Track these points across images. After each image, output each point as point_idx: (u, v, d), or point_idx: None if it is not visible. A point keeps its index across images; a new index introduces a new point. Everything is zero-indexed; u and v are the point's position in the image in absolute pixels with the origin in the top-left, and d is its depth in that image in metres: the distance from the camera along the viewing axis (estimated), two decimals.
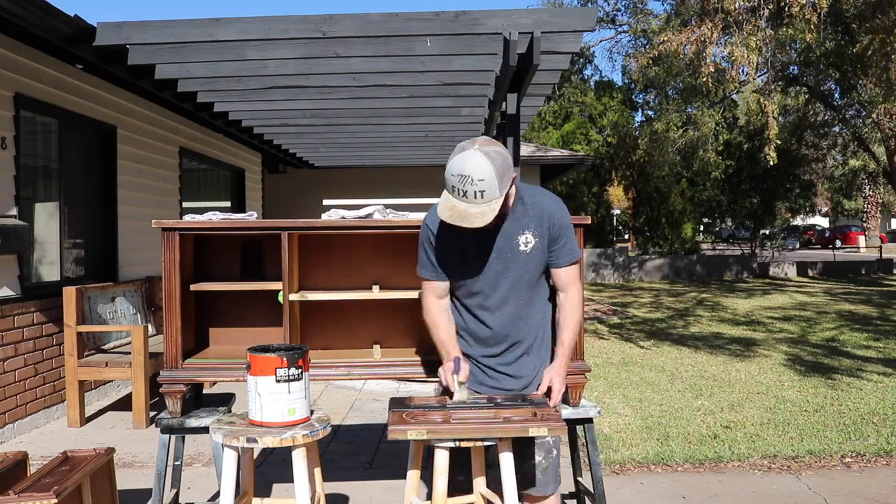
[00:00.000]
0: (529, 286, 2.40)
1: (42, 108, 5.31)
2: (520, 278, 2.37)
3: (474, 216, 2.14)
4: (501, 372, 2.44)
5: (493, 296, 2.39)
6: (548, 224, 2.35)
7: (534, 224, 2.35)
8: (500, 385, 2.45)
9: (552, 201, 2.41)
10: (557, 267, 2.40)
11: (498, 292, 2.38)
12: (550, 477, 2.46)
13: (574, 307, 2.42)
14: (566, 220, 2.39)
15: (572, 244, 2.40)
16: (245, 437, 2.26)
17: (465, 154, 2.15)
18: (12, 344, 4.87)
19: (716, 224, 29.49)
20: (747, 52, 10.37)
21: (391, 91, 5.64)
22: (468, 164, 2.12)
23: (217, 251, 3.23)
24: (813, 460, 4.26)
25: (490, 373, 2.46)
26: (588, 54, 27.38)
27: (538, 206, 2.36)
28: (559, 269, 2.40)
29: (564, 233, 2.37)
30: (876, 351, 7.89)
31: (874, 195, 37.33)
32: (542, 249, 2.37)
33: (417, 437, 2.16)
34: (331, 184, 12.61)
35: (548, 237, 2.36)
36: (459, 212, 2.14)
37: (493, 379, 2.45)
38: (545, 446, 2.46)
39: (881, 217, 41.02)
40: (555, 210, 2.37)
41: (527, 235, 2.34)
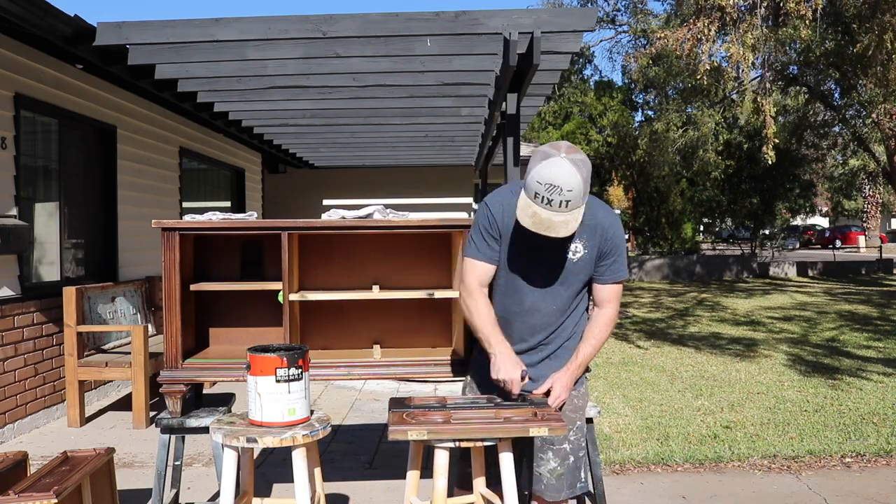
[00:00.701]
0: (568, 296, 2.37)
1: (42, 108, 5.31)
2: (561, 285, 2.35)
3: (558, 225, 2.11)
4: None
5: (531, 297, 2.36)
6: (600, 238, 2.32)
7: (586, 235, 2.30)
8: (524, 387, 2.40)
9: (608, 215, 2.36)
10: (601, 283, 2.37)
11: (536, 295, 2.36)
12: (564, 483, 2.41)
13: (605, 325, 2.38)
14: (620, 238, 2.35)
15: (621, 263, 2.36)
16: (245, 437, 2.26)
17: (554, 161, 2.10)
18: (12, 344, 4.87)
19: (716, 224, 29.47)
20: (743, 49, 10.38)
21: (391, 91, 5.64)
22: (559, 174, 2.07)
23: (217, 251, 3.24)
24: (813, 460, 4.26)
25: None
26: (588, 54, 27.36)
27: (594, 219, 2.31)
28: (602, 285, 2.37)
29: (616, 251, 2.34)
30: (876, 351, 7.88)
31: (874, 195, 37.32)
32: (590, 262, 2.33)
33: (418, 438, 2.16)
34: (331, 184, 12.60)
35: (597, 251, 2.33)
36: (542, 219, 2.11)
37: None
38: (561, 453, 2.41)
39: (881, 217, 41.02)
40: (609, 225, 2.33)
41: (577, 245, 2.31)
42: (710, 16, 10.71)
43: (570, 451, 2.42)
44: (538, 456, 2.42)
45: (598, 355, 7.72)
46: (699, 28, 10.72)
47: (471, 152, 9.32)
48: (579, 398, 2.46)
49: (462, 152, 9.44)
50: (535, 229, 2.13)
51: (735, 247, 27.83)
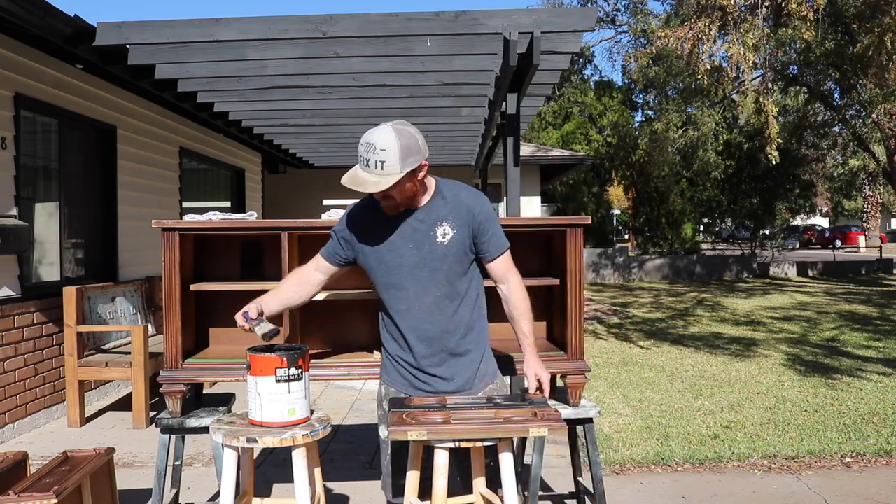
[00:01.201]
0: (450, 279, 2.34)
1: (42, 108, 5.31)
2: (437, 269, 2.32)
3: (369, 183, 2.17)
4: (430, 374, 2.39)
5: (412, 289, 2.34)
6: (468, 216, 2.32)
7: (452, 216, 2.32)
8: (434, 388, 2.39)
9: (472, 194, 2.38)
10: (490, 259, 2.37)
11: (417, 286, 2.33)
12: None
13: (520, 296, 2.39)
14: (487, 211, 2.36)
15: (498, 233, 2.37)
16: (245, 437, 2.26)
17: (378, 126, 2.22)
18: (12, 344, 4.87)
19: (716, 224, 29.46)
20: (744, 50, 10.39)
21: (391, 91, 5.64)
22: (375, 135, 2.19)
23: (217, 251, 3.23)
24: (813, 460, 4.26)
25: (420, 375, 2.40)
26: (588, 54, 27.41)
27: (457, 199, 2.34)
28: (492, 261, 2.37)
29: (489, 224, 2.34)
30: (876, 351, 7.89)
31: (874, 195, 37.32)
32: (462, 242, 2.33)
33: (418, 438, 2.15)
34: (331, 184, 12.54)
35: (470, 230, 2.33)
36: (357, 178, 2.19)
37: (424, 382, 2.40)
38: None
39: (881, 217, 41.01)
40: (475, 202, 2.35)
41: (444, 227, 2.31)
42: (711, 16, 10.72)
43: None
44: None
45: (598, 355, 7.74)
46: (700, 28, 10.73)
47: (471, 152, 9.32)
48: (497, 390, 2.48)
49: (462, 152, 9.45)
50: (350, 186, 2.19)
51: (735, 247, 27.83)
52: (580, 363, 2.83)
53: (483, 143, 7.97)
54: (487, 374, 2.46)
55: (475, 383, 2.43)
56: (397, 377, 2.45)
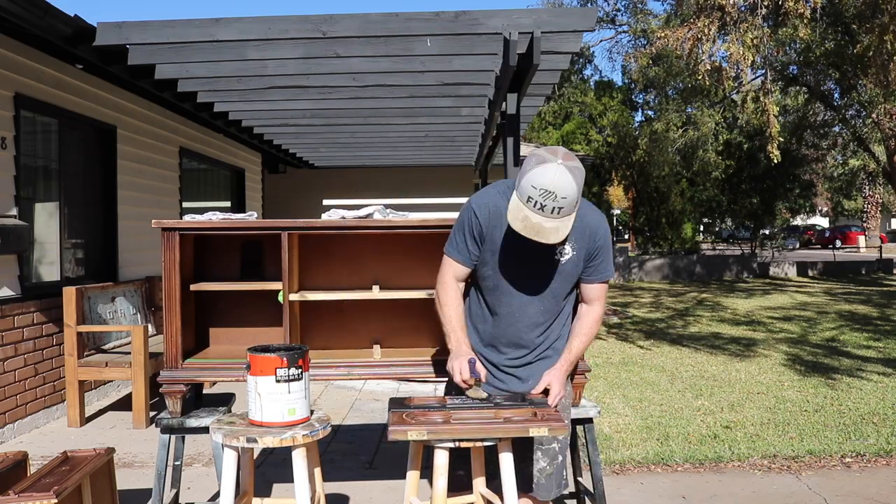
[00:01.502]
0: (556, 297, 2.37)
1: (42, 108, 5.31)
2: (549, 287, 2.35)
3: (549, 231, 2.11)
4: (509, 373, 2.42)
5: (519, 299, 2.36)
6: (589, 239, 2.33)
7: (575, 236, 2.30)
8: (507, 386, 2.42)
9: (595, 216, 2.37)
10: (590, 282, 2.39)
11: (524, 297, 2.36)
12: (553, 483, 2.43)
13: (593, 321, 2.41)
14: (607, 238, 2.37)
15: (608, 263, 2.39)
16: (245, 437, 2.26)
17: (549, 168, 2.08)
18: (12, 344, 4.87)
19: (716, 224, 29.49)
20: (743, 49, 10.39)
21: (391, 91, 5.64)
22: (554, 181, 2.06)
23: (217, 251, 3.23)
24: (813, 460, 4.26)
25: (499, 374, 2.43)
26: (588, 54, 27.38)
27: (582, 220, 2.30)
28: (591, 284, 2.39)
29: (603, 252, 2.36)
30: (876, 351, 7.89)
31: (874, 195, 37.33)
32: (578, 263, 2.35)
33: (418, 438, 2.15)
34: (331, 184, 12.61)
35: (586, 252, 2.34)
36: (533, 224, 2.10)
37: (499, 380, 2.43)
38: (550, 453, 2.42)
39: (881, 217, 41.02)
40: (598, 226, 2.35)
41: (566, 247, 2.31)
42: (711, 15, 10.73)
43: (558, 450, 2.44)
44: (527, 457, 2.43)
45: (598, 355, 7.74)
46: (699, 27, 10.74)
47: (471, 152, 9.32)
48: (566, 396, 2.46)
49: (462, 152, 9.45)
50: (525, 233, 2.12)
51: (735, 247, 27.84)
52: (580, 363, 2.83)
53: (483, 143, 7.97)
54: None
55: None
56: None
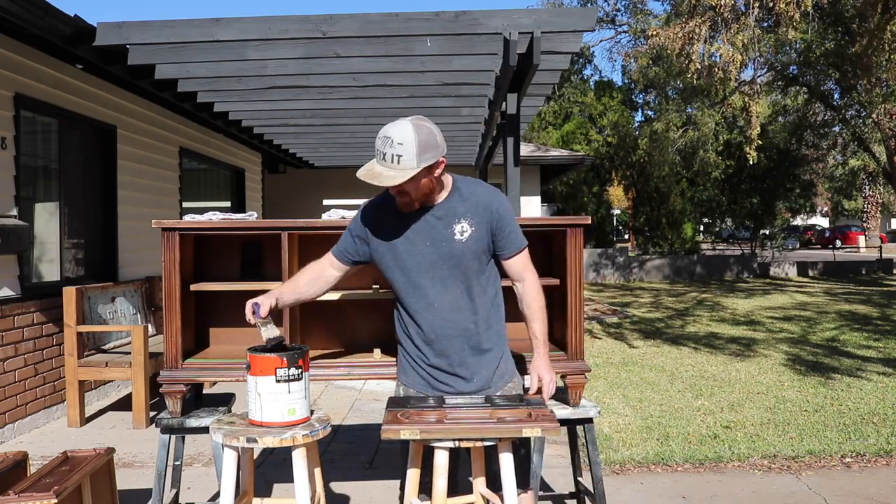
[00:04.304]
0: (468, 277, 2.33)
1: (42, 108, 5.31)
2: (456, 267, 2.31)
3: (384, 176, 2.16)
4: (450, 373, 2.38)
5: (430, 287, 2.33)
6: (485, 213, 2.31)
7: (470, 213, 2.31)
8: (454, 387, 2.39)
9: (490, 191, 2.37)
10: (507, 257, 2.36)
11: (435, 284, 2.32)
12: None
13: (534, 294, 2.38)
14: (506, 209, 2.35)
15: (516, 231, 2.36)
16: (245, 437, 2.26)
17: (397, 121, 2.19)
18: (12, 344, 4.87)
19: (716, 224, 29.48)
20: (733, 51, 10.43)
21: (391, 91, 5.64)
22: (393, 129, 2.17)
23: (217, 251, 3.24)
24: (813, 460, 4.26)
25: (439, 374, 2.39)
26: (588, 54, 27.41)
27: (475, 196, 2.33)
28: (509, 258, 2.36)
29: (506, 221, 2.33)
30: (876, 351, 7.89)
31: (874, 195, 37.33)
32: (480, 239, 2.32)
33: (410, 437, 2.16)
34: (331, 184, 12.61)
35: (488, 227, 2.32)
36: (373, 171, 2.19)
37: (443, 382, 2.39)
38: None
39: (881, 217, 41.02)
40: (492, 199, 2.34)
41: (462, 224, 2.31)
42: (703, 15, 10.76)
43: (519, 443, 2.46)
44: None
45: (598, 355, 7.74)
46: (691, 27, 10.77)
47: (471, 152, 9.32)
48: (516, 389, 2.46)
49: (462, 152, 9.45)
50: (365, 179, 2.19)
51: (735, 247, 27.83)
52: (580, 363, 2.83)
53: (483, 143, 7.97)
54: (506, 374, 2.45)
55: (494, 382, 2.41)
56: (416, 377, 2.43)
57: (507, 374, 2.45)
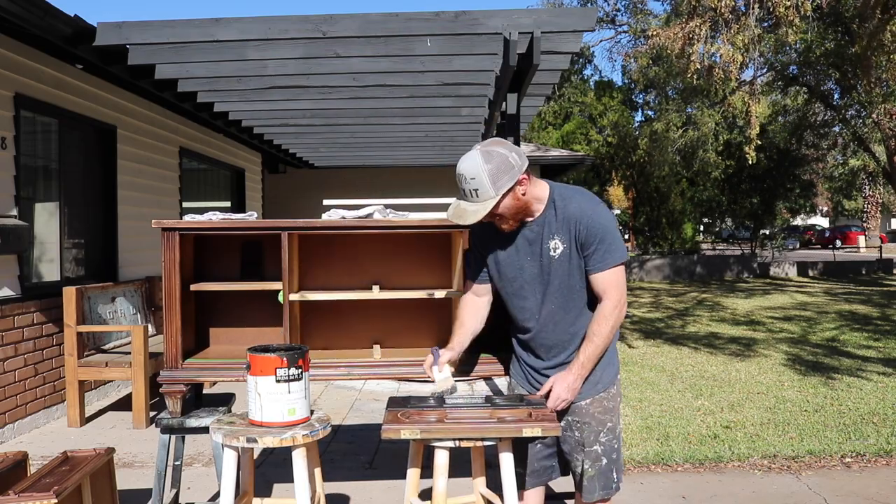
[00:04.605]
0: (563, 292, 2.33)
1: (42, 108, 5.31)
2: (551, 283, 2.33)
3: (467, 214, 2.20)
4: (547, 375, 2.40)
5: (531, 299, 2.36)
6: (574, 229, 2.27)
7: (562, 229, 2.29)
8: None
9: (580, 206, 2.29)
10: (591, 273, 2.29)
11: (536, 296, 2.36)
12: (596, 485, 2.39)
13: (602, 318, 2.28)
14: (596, 224, 2.26)
15: (606, 249, 2.26)
16: (245, 437, 2.26)
17: (467, 153, 2.23)
18: (12, 344, 4.87)
19: (716, 224, 29.48)
20: (733, 50, 10.44)
21: (391, 91, 5.64)
22: (464, 164, 2.20)
23: (217, 251, 3.24)
24: (813, 460, 4.26)
25: (539, 377, 2.43)
26: (588, 54, 27.39)
27: (566, 211, 2.29)
28: (594, 275, 2.29)
29: (595, 238, 2.25)
30: (876, 351, 7.88)
31: (874, 195, 37.32)
32: (571, 255, 2.29)
33: (410, 437, 2.16)
34: (331, 184, 12.61)
35: (575, 243, 2.28)
36: (458, 209, 2.22)
37: (540, 384, 2.42)
38: (592, 455, 2.39)
39: (881, 217, 41.01)
40: (583, 214, 2.26)
41: (556, 241, 2.29)
42: (703, 16, 10.77)
43: (601, 452, 2.39)
44: (573, 457, 2.43)
45: None
46: (691, 27, 10.78)
47: None
48: (608, 399, 2.40)
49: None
50: (451, 219, 2.24)
51: (735, 247, 27.84)
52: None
53: None
54: (601, 382, 2.39)
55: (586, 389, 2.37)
56: (520, 376, 2.52)
57: (602, 383, 2.39)
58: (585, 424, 2.38)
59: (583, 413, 2.38)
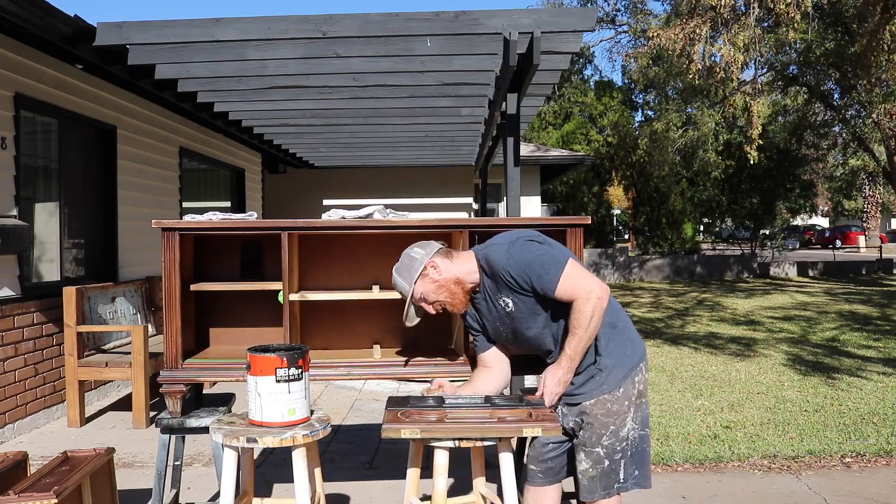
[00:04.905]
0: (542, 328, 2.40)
1: (42, 108, 5.31)
2: (530, 328, 2.40)
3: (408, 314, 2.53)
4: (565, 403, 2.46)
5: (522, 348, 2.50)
6: (506, 281, 2.34)
7: (500, 287, 2.38)
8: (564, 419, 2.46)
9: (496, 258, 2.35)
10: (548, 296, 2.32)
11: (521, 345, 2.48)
12: (597, 485, 2.39)
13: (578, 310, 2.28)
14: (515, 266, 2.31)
15: (539, 274, 2.29)
16: (245, 437, 2.26)
17: None
18: (12, 344, 4.87)
19: (716, 224, 29.48)
20: (734, 51, 10.44)
21: (391, 91, 5.64)
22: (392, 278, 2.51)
23: (217, 251, 3.24)
24: (813, 460, 4.26)
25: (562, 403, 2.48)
26: (588, 54, 27.38)
27: (492, 271, 2.38)
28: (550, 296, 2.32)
29: (524, 275, 2.30)
30: (876, 351, 7.89)
31: (874, 195, 37.33)
32: (524, 301, 2.36)
33: (411, 436, 2.16)
34: (331, 184, 12.61)
35: (517, 287, 2.33)
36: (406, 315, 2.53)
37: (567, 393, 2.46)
38: (593, 456, 2.39)
39: (881, 217, 41.01)
40: (500, 267, 2.33)
41: (503, 299, 2.39)
42: (704, 16, 10.78)
43: (603, 455, 2.39)
44: (576, 453, 2.44)
45: None
46: (691, 28, 10.79)
47: (471, 152, 9.32)
48: (613, 402, 2.38)
49: (462, 152, 9.45)
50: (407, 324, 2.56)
51: (735, 247, 27.84)
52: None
53: (483, 143, 7.97)
54: (606, 383, 2.39)
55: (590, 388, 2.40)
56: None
57: (608, 384, 2.38)
58: (588, 425, 2.39)
59: (586, 413, 2.39)
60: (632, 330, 2.50)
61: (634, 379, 2.42)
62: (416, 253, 2.47)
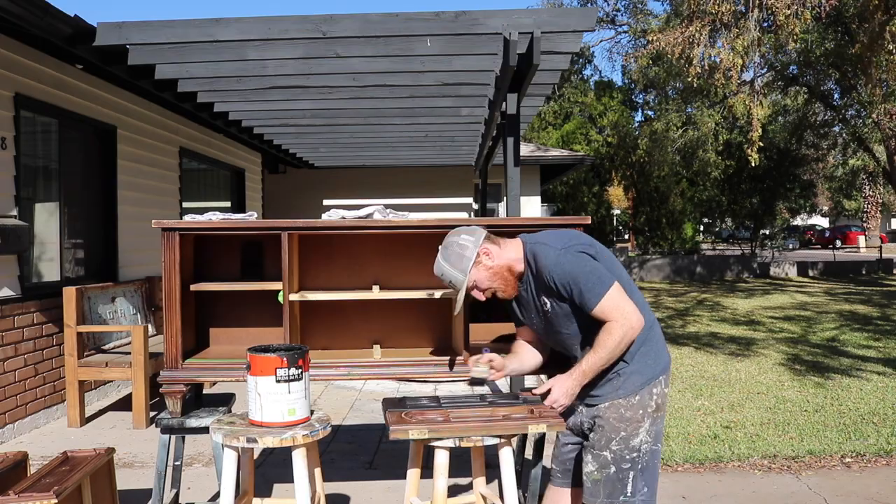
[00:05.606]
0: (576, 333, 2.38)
1: (42, 108, 5.31)
2: (560, 332, 2.40)
3: (457, 302, 2.49)
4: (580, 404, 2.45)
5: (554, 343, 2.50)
6: (550, 284, 2.32)
7: (542, 287, 2.36)
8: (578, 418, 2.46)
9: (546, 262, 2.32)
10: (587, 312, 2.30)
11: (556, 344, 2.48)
12: (600, 490, 2.36)
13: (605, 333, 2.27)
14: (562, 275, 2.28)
15: (582, 290, 2.26)
16: (245, 438, 2.26)
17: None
18: (12, 344, 4.87)
19: (716, 224, 29.50)
20: (733, 55, 10.45)
21: (391, 91, 5.64)
22: (435, 269, 2.44)
23: (217, 251, 3.24)
24: (813, 460, 4.26)
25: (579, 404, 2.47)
26: (588, 54, 27.40)
27: (537, 268, 2.36)
28: (588, 312, 2.29)
29: (568, 286, 2.28)
30: (876, 351, 7.89)
31: (874, 195, 37.32)
32: (562, 305, 2.34)
33: (419, 437, 2.16)
34: (331, 184, 12.61)
35: (558, 294, 2.31)
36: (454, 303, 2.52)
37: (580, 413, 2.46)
38: (600, 459, 2.35)
39: (881, 217, 41.01)
40: (548, 270, 2.31)
41: (543, 298, 2.37)
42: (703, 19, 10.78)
43: (610, 459, 2.34)
44: (584, 453, 2.43)
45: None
46: (691, 31, 10.79)
47: (471, 152, 9.32)
48: (628, 408, 2.34)
49: (462, 152, 9.45)
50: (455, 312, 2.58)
51: (735, 247, 27.84)
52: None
53: (483, 143, 7.97)
54: (622, 388, 2.36)
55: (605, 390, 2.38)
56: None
57: (624, 389, 2.35)
58: (599, 427, 2.36)
59: (600, 416, 2.36)
60: (660, 343, 2.46)
61: (653, 390, 2.37)
62: (465, 240, 2.40)
